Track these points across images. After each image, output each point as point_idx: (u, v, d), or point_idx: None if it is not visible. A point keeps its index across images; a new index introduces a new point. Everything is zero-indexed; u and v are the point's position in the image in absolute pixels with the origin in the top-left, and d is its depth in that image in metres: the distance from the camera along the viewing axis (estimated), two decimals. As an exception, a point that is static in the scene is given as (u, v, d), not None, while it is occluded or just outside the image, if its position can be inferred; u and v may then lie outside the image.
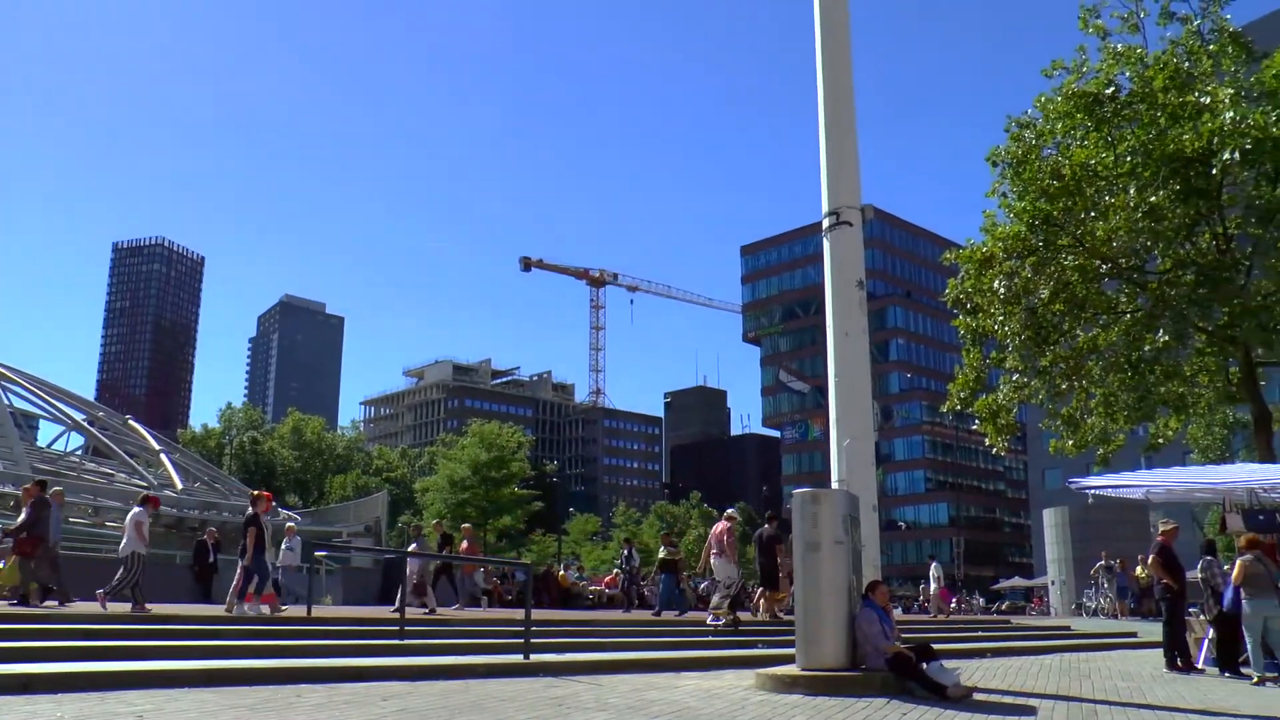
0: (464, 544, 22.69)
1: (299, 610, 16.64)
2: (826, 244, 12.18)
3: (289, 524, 23.63)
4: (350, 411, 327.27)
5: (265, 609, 15.73)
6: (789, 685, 9.78)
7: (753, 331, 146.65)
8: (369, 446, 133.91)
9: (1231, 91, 18.71)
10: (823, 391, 20.59)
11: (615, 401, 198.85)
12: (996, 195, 21.30)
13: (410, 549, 20.59)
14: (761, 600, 19.14)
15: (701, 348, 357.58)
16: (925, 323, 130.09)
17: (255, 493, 17.65)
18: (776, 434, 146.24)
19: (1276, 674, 12.97)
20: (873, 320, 18.06)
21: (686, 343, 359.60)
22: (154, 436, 49.83)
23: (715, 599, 17.55)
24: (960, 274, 21.79)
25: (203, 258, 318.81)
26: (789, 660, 10.62)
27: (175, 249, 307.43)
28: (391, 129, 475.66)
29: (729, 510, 18.92)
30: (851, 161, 12.34)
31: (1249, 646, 13.03)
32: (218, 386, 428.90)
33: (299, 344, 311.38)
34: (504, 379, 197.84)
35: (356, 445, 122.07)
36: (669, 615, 20.04)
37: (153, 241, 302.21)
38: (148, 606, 14.72)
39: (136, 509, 16.12)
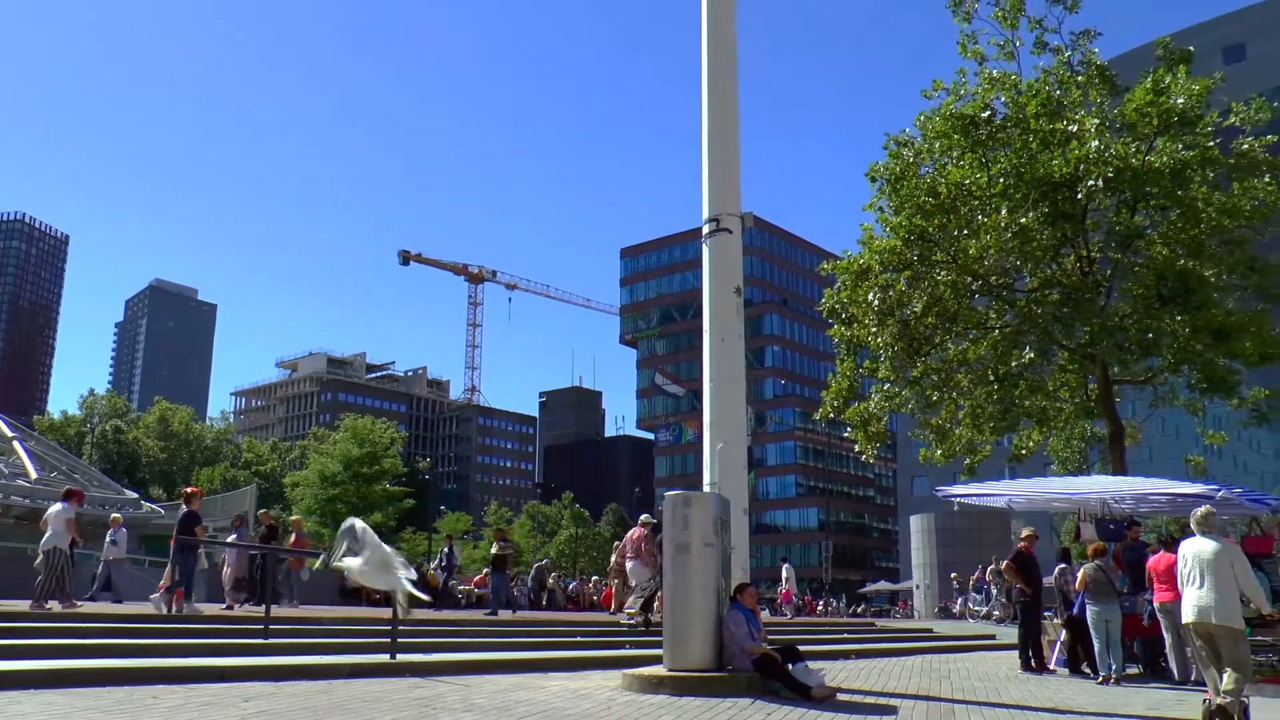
0: (292, 537, 21.80)
1: (141, 608, 16.08)
2: (706, 250, 12.30)
3: (114, 515, 22.47)
4: (220, 402, 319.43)
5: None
6: (656, 685, 9.85)
7: (630, 334, 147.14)
8: (238, 438, 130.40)
9: (1097, 122, 19.56)
10: (698, 395, 20.77)
11: (490, 400, 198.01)
12: (874, 210, 21.76)
13: (230, 540, 19.90)
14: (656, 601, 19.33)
15: (578, 348, 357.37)
16: (801, 331, 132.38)
17: (189, 490, 17.22)
18: (650, 436, 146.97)
19: (1138, 669, 13.69)
20: (749, 327, 18.27)
21: (563, 343, 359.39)
22: (6, 423, 47.60)
23: (630, 599, 17.94)
24: (837, 284, 22.18)
25: (67, 236, 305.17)
26: (657, 661, 10.69)
27: (37, 226, 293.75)
28: (270, 114, 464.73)
29: (644, 516, 18.98)
30: (733, 169, 12.49)
31: (1095, 648, 13.75)
32: (80, 372, 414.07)
33: (169, 330, 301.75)
34: (379, 373, 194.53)
35: (225, 437, 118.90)
36: (505, 614, 19.89)
37: (12, 217, 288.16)
38: (76, 603, 14.58)
39: (61, 505, 15.84)
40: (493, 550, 22.99)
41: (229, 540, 19.71)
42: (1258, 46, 64.91)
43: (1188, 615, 9.12)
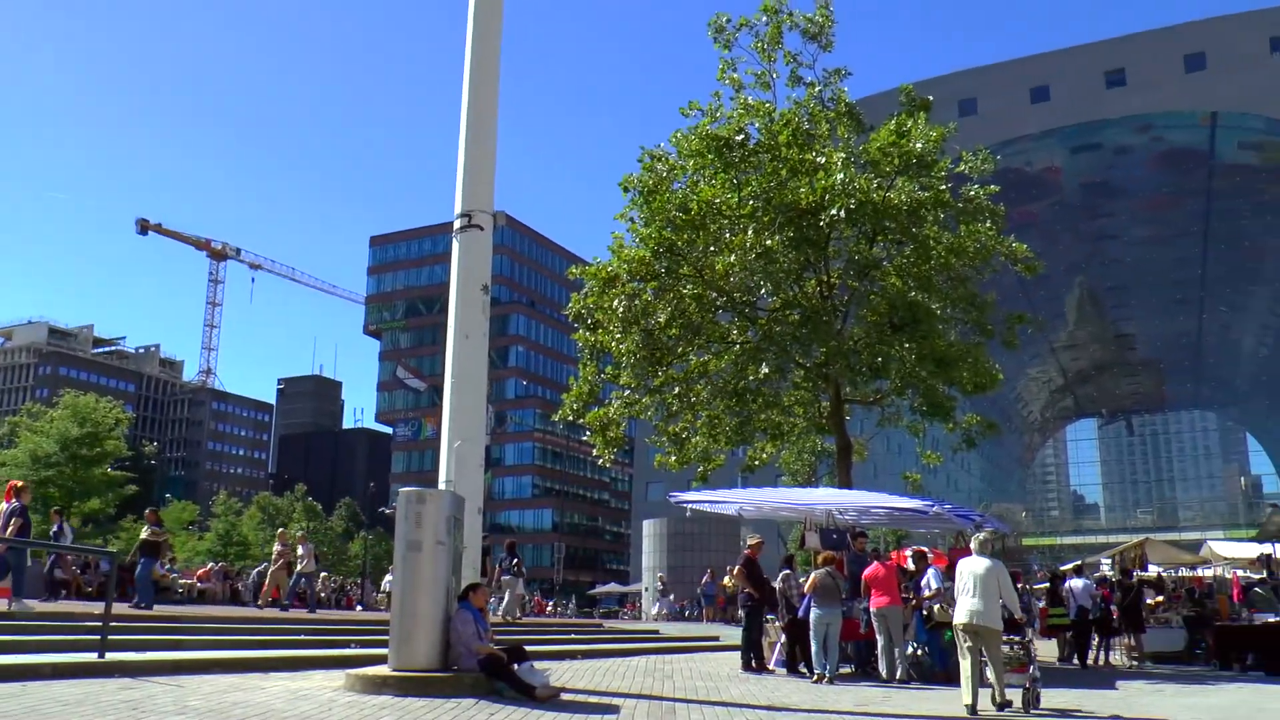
0: None
1: None
2: (456, 245, 12.25)
3: None
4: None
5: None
6: (379, 686, 9.70)
7: (374, 324, 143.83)
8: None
9: (843, 156, 20.57)
10: (439, 391, 20.56)
11: (226, 384, 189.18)
12: (626, 219, 21.99)
13: None
14: None
15: (321, 335, 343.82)
16: (546, 333, 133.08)
17: (20, 483, 16.03)
18: (389, 430, 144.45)
19: (850, 669, 14.56)
20: (495, 326, 18.22)
21: (305, 329, 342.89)
22: None
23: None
24: (584, 289, 22.34)
25: None
26: (383, 660, 10.52)
27: None
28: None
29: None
30: (488, 167, 12.48)
31: (813, 648, 14.55)
32: None
33: None
34: (107, 348, 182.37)
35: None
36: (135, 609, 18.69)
37: None
38: None
39: None
40: (143, 535, 21.04)
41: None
42: (988, 103, 69.98)
43: (960, 618, 10.77)
